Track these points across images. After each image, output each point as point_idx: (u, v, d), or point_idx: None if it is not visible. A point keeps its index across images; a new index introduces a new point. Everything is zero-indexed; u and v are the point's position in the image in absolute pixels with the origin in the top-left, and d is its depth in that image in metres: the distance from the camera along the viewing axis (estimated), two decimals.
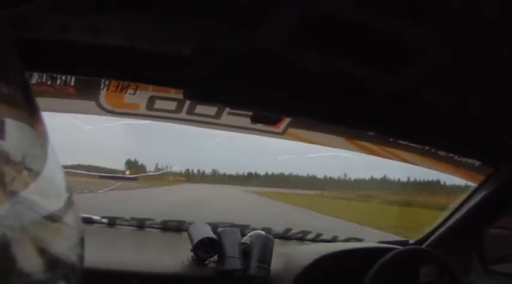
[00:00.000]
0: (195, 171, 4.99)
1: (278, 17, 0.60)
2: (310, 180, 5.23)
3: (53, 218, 0.31)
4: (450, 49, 0.66)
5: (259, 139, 1.06)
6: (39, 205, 0.29)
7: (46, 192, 0.31)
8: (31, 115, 0.31)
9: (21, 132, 0.29)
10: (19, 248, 0.26)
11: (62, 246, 0.32)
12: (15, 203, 0.27)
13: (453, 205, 1.15)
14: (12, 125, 0.28)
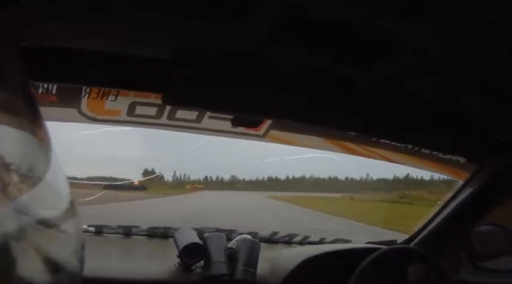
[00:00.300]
0: (214, 178, 4.83)
1: (257, 17, 0.60)
2: (332, 181, 4.96)
3: (53, 224, 0.31)
4: (429, 46, 0.66)
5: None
6: (40, 211, 0.29)
7: (47, 198, 0.31)
8: (33, 122, 0.31)
9: (22, 139, 0.29)
10: (19, 253, 0.26)
11: (62, 252, 0.32)
12: (16, 208, 0.27)
13: (440, 203, 1.15)
14: (13, 131, 0.28)
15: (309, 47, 0.69)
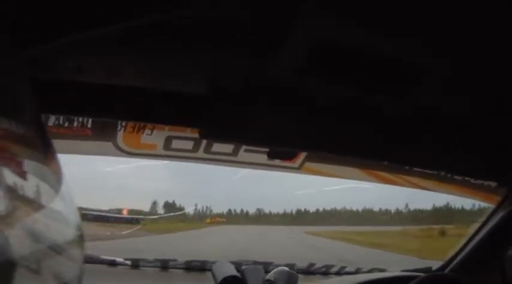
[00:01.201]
0: (238, 211, 4.35)
1: (288, 50, 0.62)
2: (367, 214, 4.39)
3: (59, 251, 0.32)
4: (458, 69, 0.67)
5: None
6: (47, 238, 0.30)
7: (57, 226, 0.32)
8: (46, 155, 0.33)
9: (36, 171, 0.31)
10: (23, 276, 0.27)
11: (66, 279, 0.33)
12: (25, 234, 0.28)
13: (474, 228, 1.15)
14: (28, 164, 0.30)
15: (340, 78, 0.71)
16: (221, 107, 0.76)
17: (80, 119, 1.01)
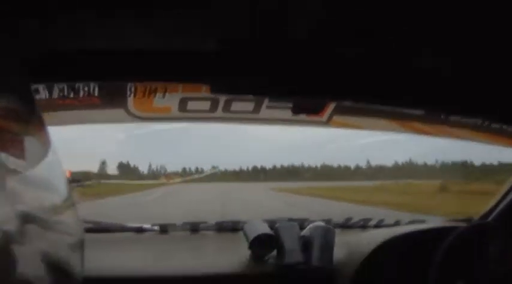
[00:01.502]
0: (193, 169, 4.50)
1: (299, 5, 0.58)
2: (326, 170, 4.60)
3: (52, 224, 0.32)
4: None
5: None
6: (39, 211, 0.30)
7: (46, 198, 0.33)
8: (35, 127, 0.33)
9: (29, 143, 0.31)
10: (18, 252, 0.27)
11: (61, 250, 0.33)
12: (17, 209, 0.27)
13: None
14: (25, 139, 0.30)
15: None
16: (230, 60, 0.72)
17: (86, 88, 0.95)
